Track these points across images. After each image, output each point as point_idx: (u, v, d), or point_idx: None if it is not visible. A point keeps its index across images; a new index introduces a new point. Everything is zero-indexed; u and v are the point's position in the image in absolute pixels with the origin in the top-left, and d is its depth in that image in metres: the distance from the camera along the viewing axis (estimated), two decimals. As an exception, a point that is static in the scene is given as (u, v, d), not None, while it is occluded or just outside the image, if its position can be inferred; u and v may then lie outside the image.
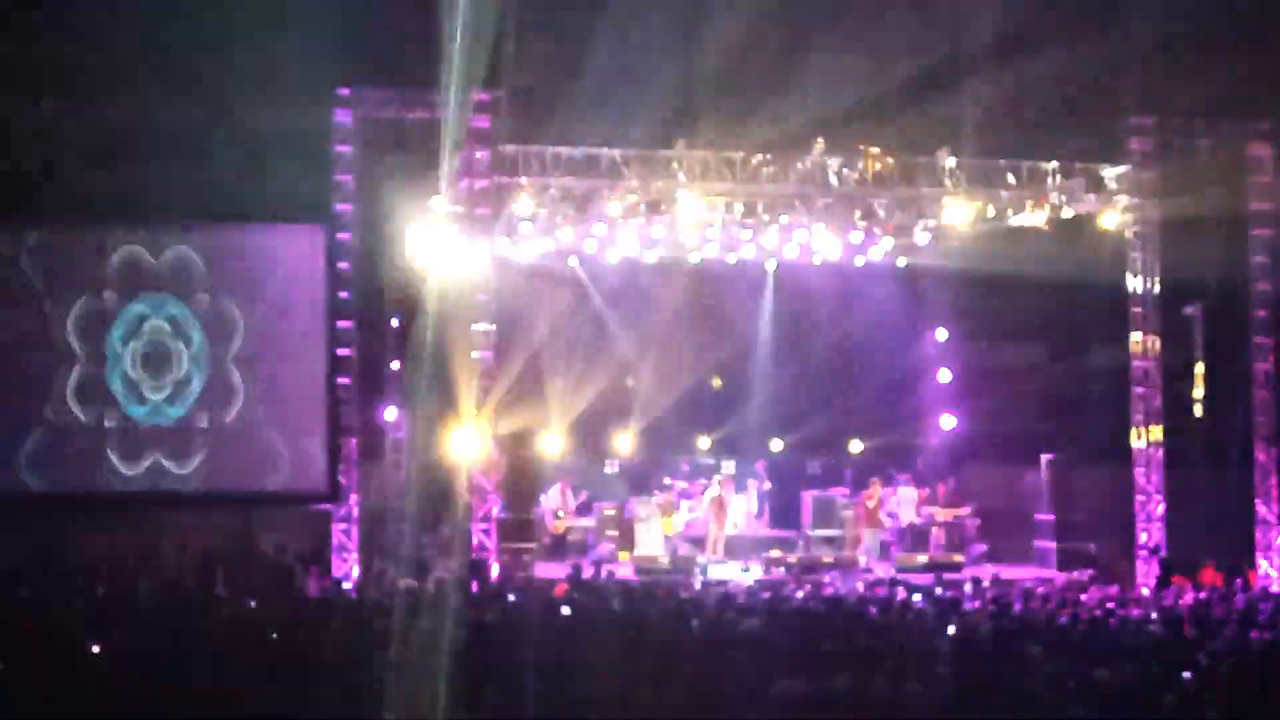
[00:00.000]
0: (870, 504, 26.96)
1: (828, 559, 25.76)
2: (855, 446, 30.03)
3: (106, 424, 23.46)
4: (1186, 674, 13.90)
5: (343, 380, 23.41)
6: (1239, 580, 23.22)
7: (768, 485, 28.62)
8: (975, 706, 12.77)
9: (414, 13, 22.32)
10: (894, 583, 22.48)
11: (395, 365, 25.46)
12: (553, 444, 28.07)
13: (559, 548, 26.36)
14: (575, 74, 23.72)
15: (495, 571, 23.03)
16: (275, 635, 15.53)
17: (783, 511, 28.65)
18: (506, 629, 16.20)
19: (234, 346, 23.67)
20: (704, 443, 29.80)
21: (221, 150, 22.97)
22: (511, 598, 19.98)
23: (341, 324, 23.42)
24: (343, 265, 23.38)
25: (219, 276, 23.70)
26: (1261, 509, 24.91)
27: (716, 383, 26.95)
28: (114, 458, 23.41)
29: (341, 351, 23.42)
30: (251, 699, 12.97)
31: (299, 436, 23.67)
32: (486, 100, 22.84)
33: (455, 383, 23.52)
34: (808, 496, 28.20)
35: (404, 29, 23.10)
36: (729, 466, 28.40)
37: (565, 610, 17.84)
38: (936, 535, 27.03)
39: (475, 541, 23.19)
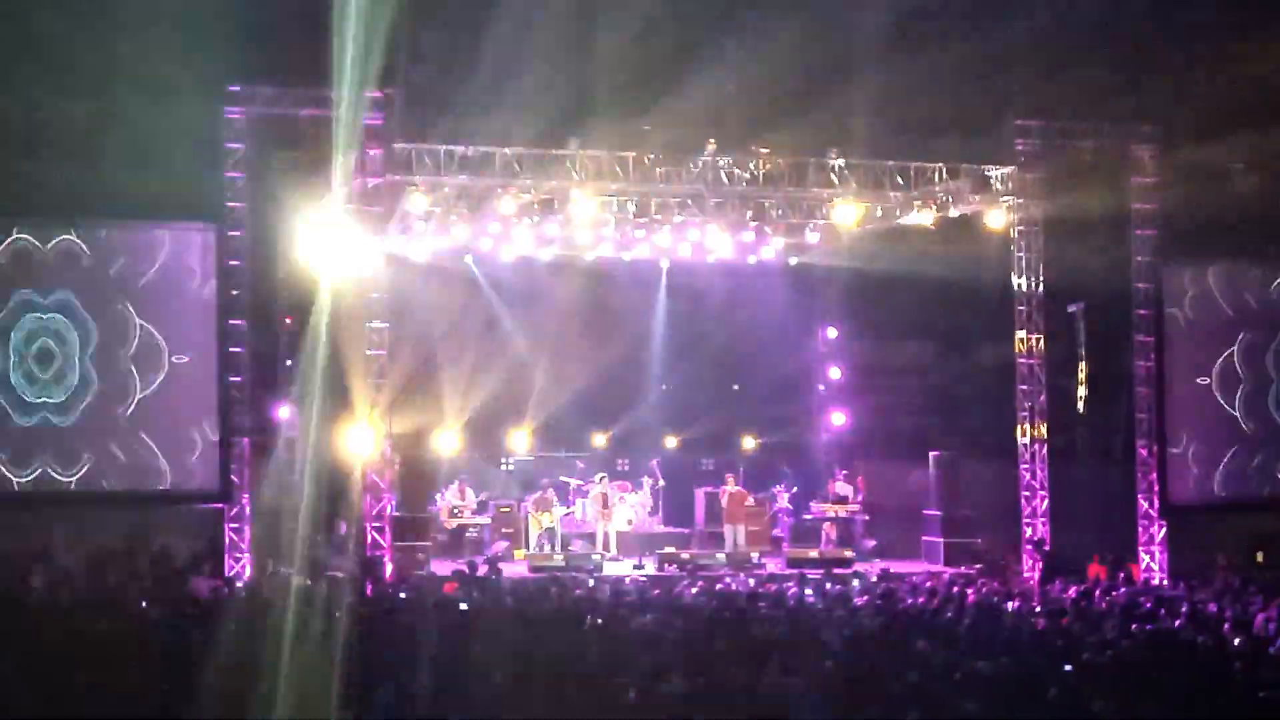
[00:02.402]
0: (724, 500, 27.15)
1: (720, 555, 25.96)
2: (748, 443, 30.25)
3: (-9, 424, 23.16)
4: (1069, 666, 14.19)
5: (234, 379, 23.27)
6: (1121, 574, 23.69)
7: (661, 483, 28.77)
8: (864, 700, 12.94)
9: (307, 9, 22.19)
10: (785, 578, 22.78)
11: (288, 363, 25.32)
12: (448, 442, 28.09)
13: (454, 546, 26.39)
14: (469, 72, 23.70)
15: (389, 570, 23.02)
16: (165, 635, 15.44)
17: (676, 508, 28.83)
18: (400, 627, 16.21)
19: (125, 345, 23.41)
20: (599, 440, 29.90)
21: (113, 147, 22.72)
22: (405, 596, 20.02)
23: (233, 322, 23.28)
24: (234, 263, 23.24)
25: (109, 274, 23.43)
26: (1143, 504, 25.36)
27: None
28: (1, 458, 23.12)
29: (233, 349, 23.28)
30: (141, 699, 12.93)
31: (190, 435, 23.48)
32: (380, 98, 22.76)
33: (349, 381, 23.44)
34: (701, 493, 28.40)
35: (297, 25, 22.95)
36: (623, 464, 28.52)
37: (460, 608, 17.89)
38: (827, 530, 27.32)
39: (369, 540, 23.17)
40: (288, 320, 25.06)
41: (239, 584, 21.95)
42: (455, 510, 26.76)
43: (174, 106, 22.45)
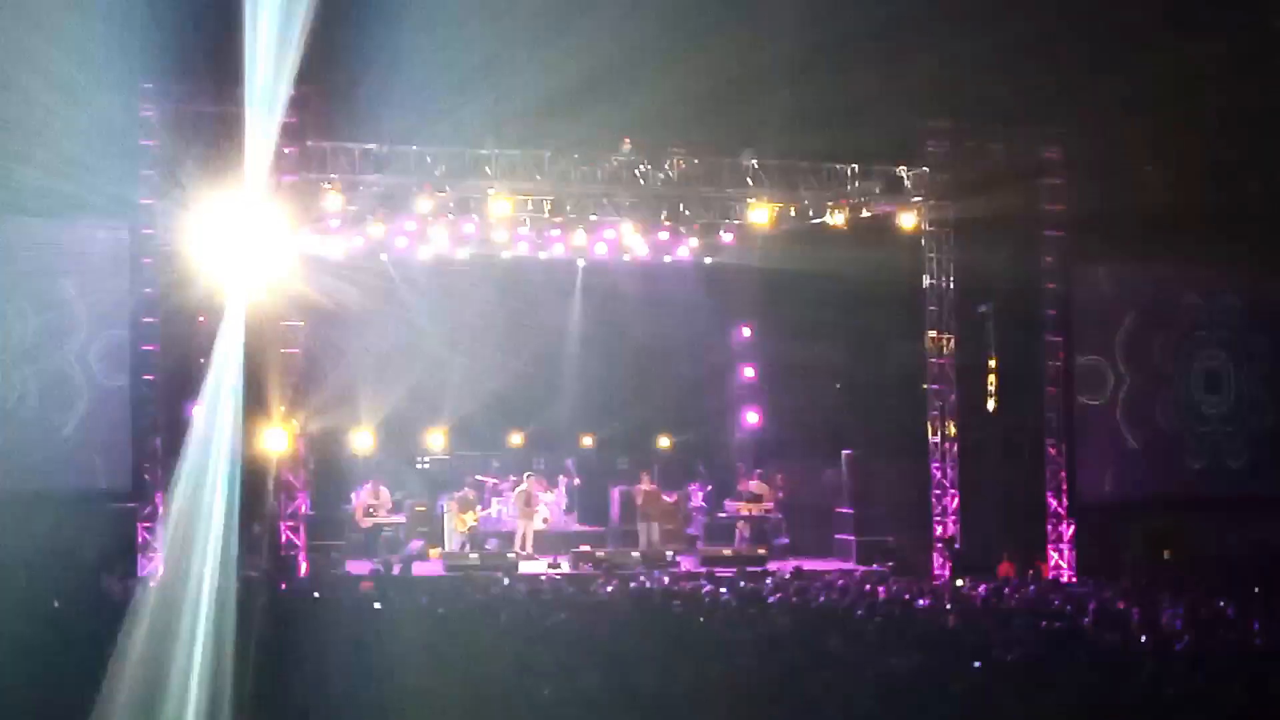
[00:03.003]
0: (639, 498, 27.27)
1: (635, 553, 26.06)
2: (663, 442, 30.38)
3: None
4: (978, 664, 14.37)
5: (147, 377, 23.12)
6: (1030, 571, 24.02)
7: (577, 481, 28.84)
8: (776, 698, 13.05)
9: (222, 6, 22.05)
10: (699, 576, 22.89)
11: (202, 362, 25.12)
12: (363, 441, 28.01)
13: (369, 545, 26.31)
14: (385, 71, 23.65)
15: (303, 569, 22.96)
16: (77, 634, 15.33)
17: (592, 507, 28.91)
18: (314, 626, 16.18)
19: (35, 342, 23.19)
20: (515, 439, 29.91)
21: (25, 144, 22.48)
22: (319, 595, 19.98)
23: (146, 320, 23.13)
24: (147, 260, 23.09)
25: (20, 271, 23.20)
26: (1052, 502, 25.69)
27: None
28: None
29: (146, 347, 23.13)
30: (51, 699, 12.84)
31: (102, 434, 23.29)
32: (295, 96, 22.65)
33: (263, 379, 23.34)
34: (616, 492, 28.49)
35: (212, 22, 22.80)
36: (539, 463, 28.55)
37: (375, 606, 17.88)
38: (741, 529, 27.48)
39: (283, 539, 23.09)
40: (201, 318, 24.88)
41: (151, 583, 21.79)
42: (370, 509, 26.67)
43: (87, 103, 22.25)
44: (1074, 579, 24.67)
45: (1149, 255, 26.68)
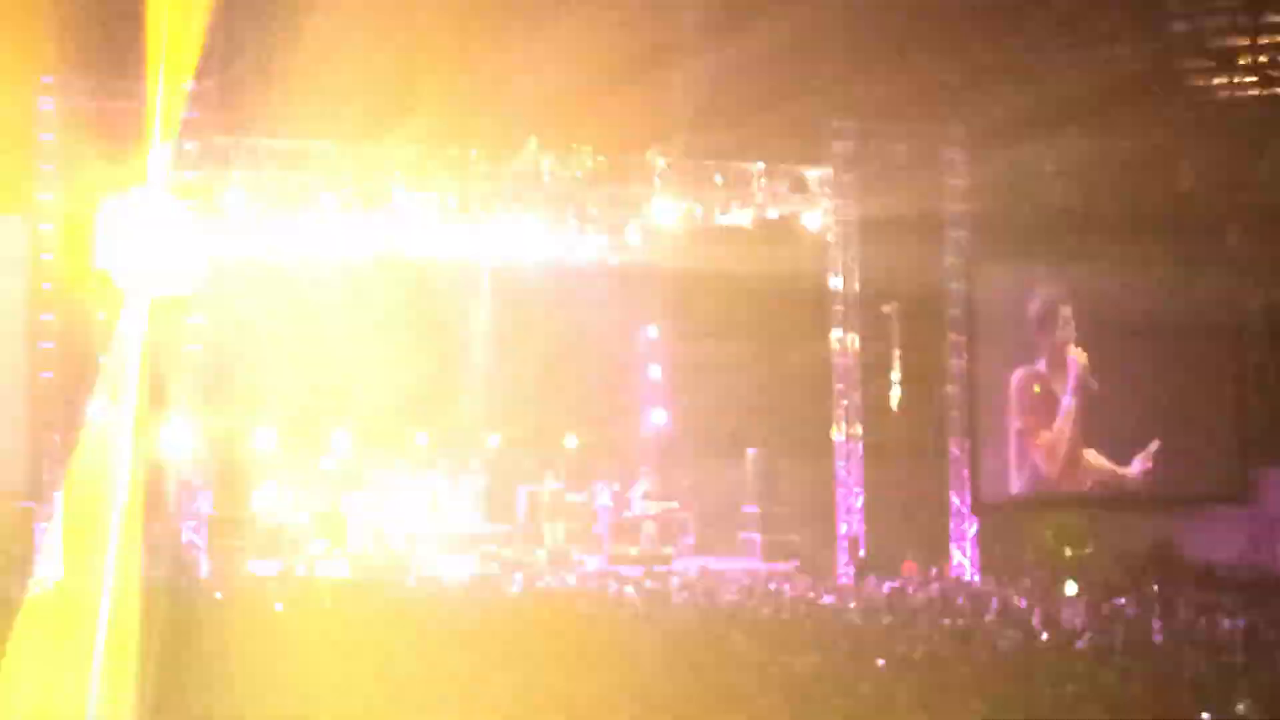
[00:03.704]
0: (544, 498, 27.22)
1: (541, 552, 25.99)
2: (569, 441, 30.33)
3: None
4: (882, 662, 14.49)
5: (45, 374, 22.78)
6: (934, 569, 24.21)
7: (484, 480, 28.71)
8: (681, 698, 13.08)
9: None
10: (605, 576, 22.91)
11: (102, 359, 24.80)
12: (266, 440, 27.73)
13: (272, 545, 26.04)
14: (288, 66, 23.48)
15: (205, 569, 22.71)
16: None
17: (498, 506, 28.80)
18: (216, 627, 16.03)
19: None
20: (421, 438, 29.74)
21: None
22: (221, 596, 19.81)
23: (44, 317, 22.79)
24: (46, 256, 22.75)
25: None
26: (955, 500, 25.90)
27: None
28: None
29: (44, 345, 22.79)
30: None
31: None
32: (197, 91, 22.40)
33: (165, 377, 23.07)
34: (522, 491, 28.40)
35: (112, 16, 22.55)
36: (445, 462, 28.38)
37: (278, 606, 17.74)
38: (647, 528, 27.47)
39: (185, 539, 22.83)
40: (101, 315, 24.56)
41: (50, 584, 21.50)
42: (273, 509, 26.41)
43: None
44: (977, 577, 24.87)
45: (1052, 255, 26.95)
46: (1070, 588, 20.77)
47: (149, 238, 22.82)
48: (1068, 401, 25.93)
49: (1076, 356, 25.88)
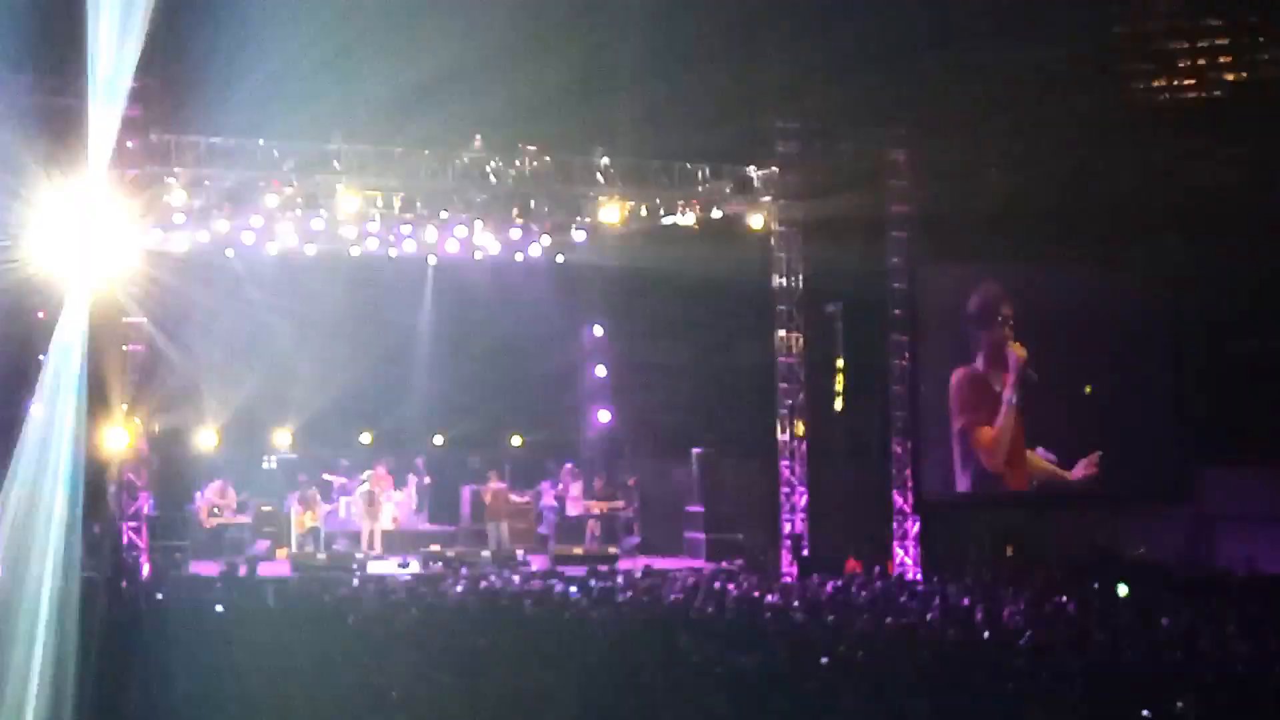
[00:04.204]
0: (488, 497, 27.22)
1: (486, 552, 25.95)
2: (514, 441, 30.31)
3: None
4: (825, 659, 14.54)
5: (-16, 374, 22.62)
6: (877, 568, 24.32)
7: (428, 480, 28.64)
8: (627, 696, 13.10)
9: (63, -3, 21.66)
10: (550, 575, 22.89)
11: (41, 358, 24.59)
12: (208, 440, 27.55)
13: (214, 545, 25.89)
14: (231, 64, 23.34)
15: (146, 570, 22.56)
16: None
17: (442, 506, 28.74)
18: (157, 628, 15.93)
19: None
20: (365, 438, 29.65)
21: None
22: (162, 597, 19.67)
23: (-17, 316, 22.62)
24: (-17, 255, 22.57)
25: None
26: (898, 500, 26.04)
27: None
28: None
29: (-18, 344, 22.62)
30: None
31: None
32: (138, 88, 22.23)
33: (105, 376, 22.88)
34: (467, 491, 28.36)
35: (54, 12, 22.35)
36: (388, 462, 28.28)
37: (219, 609, 17.64)
38: (592, 528, 27.49)
39: (125, 540, 22.66)
40: (41, 314, 24.36)
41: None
42: (215, 509, 26.26)
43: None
44: (919, 576, 25.00)
45: (993, 255, 27.12)
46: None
47: (89, 236, 22.65)
48: (1009, 396, 26.07)
49: (1016, 352, 26.03)
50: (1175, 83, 28.72)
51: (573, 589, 20.55)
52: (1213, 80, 28.53)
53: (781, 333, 25.91)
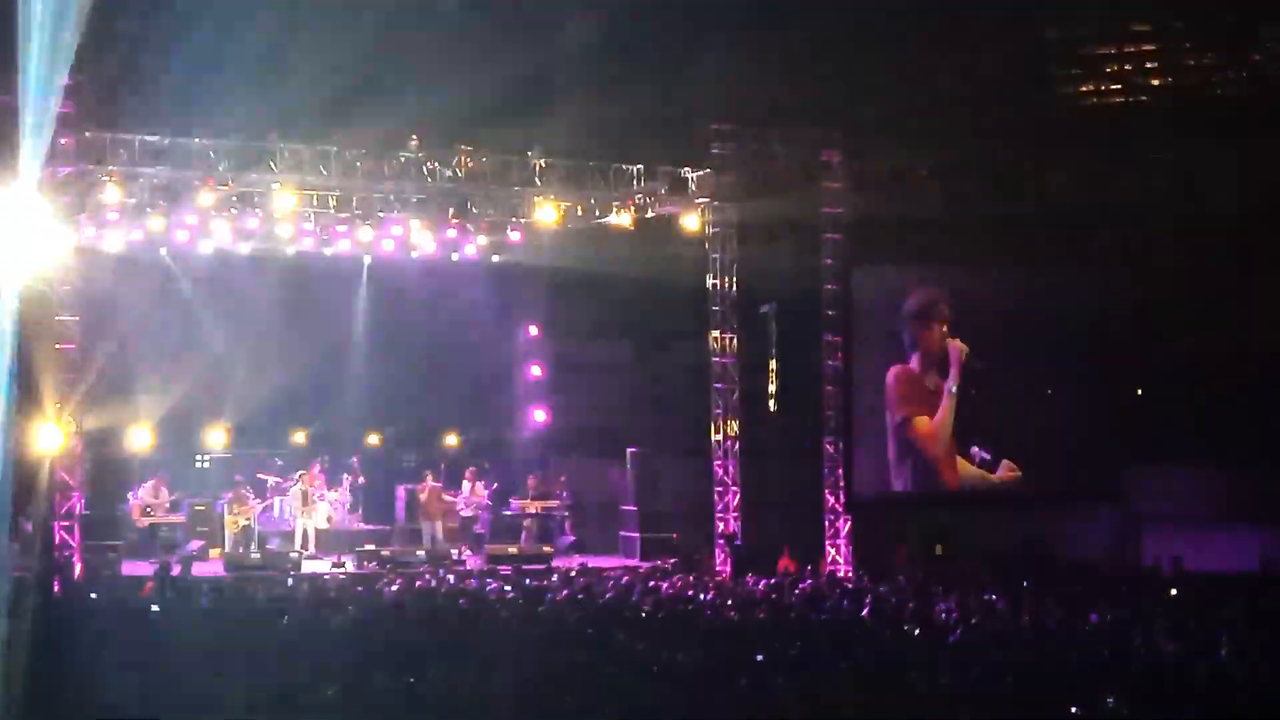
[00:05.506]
0: (422, 496, 27.23)
1: (420, 552, 25.94)
2: (449, 440, 30.31)
3: None
4: (760, 656, 14.66)
5: (-86, 373, 22.38)
6: (810, 567, 24.49)
7: (362, 479, 28.58)
8: (563, 694, 13.16)
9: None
10: (485, 574, 22.92)
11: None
12: (141, 439, 27.37)
13: (147, 545, 25.76)
14: (166, 61, 23.23)
15: (78, 570, 22.43)
16: None
17: (377, 505, 28.70)
18: (90, 629, 15.87)
19: None
20: (299, 437, 29.56)
21: None
22: (95, 597, 19.57)
23: (-87, 314, 22.38)
24: (-86, 252, 22.34)
25: None
26: (830, 499, 26.22)
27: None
28: None
29: (-87, 342, 22.38)
30: None
31: None
32: (72, 85, 22.06)
33: (37, 375, 22.71)
34: (402, 490, 28.34)
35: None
36: (322, 461, 28.22)
37: (153, 609, 17.58)
38: (528, 527, 27.54)
39: (57, 539, 22.51)
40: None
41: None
42: (148, 509, 26.11)
43: None
44: (851, 574, 25.19)
45: (925, 258, 27.32)
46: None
47: (21, 233, 22.47)
48: (950, 386, 26.20)
49: (957, 345, 26.19)
50: (1103, 87, 29.01)
51: (508, 588, 20.59)
52: (1140, 85, 28.84)
53: (715, 333, 26.05)
